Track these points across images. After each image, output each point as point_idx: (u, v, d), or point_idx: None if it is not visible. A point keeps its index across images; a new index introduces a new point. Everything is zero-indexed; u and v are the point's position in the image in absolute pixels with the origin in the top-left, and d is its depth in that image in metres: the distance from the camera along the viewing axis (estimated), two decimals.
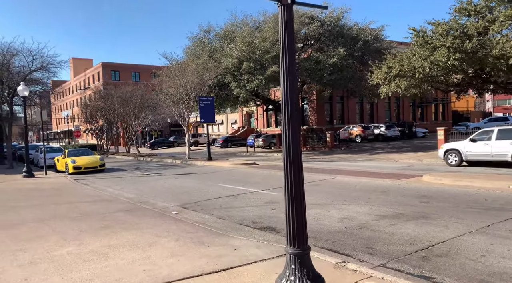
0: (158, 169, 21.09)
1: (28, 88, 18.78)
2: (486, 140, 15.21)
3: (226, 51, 28.73)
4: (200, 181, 14.79)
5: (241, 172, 17.29)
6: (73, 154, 22.07)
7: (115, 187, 14.63)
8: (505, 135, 14.79)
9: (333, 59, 27.45)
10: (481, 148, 15.24)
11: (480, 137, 15.66)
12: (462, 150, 15.90)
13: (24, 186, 15.14)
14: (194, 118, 27.02)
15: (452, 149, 16.41)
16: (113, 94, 33.91)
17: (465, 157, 15.79)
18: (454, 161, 16.21)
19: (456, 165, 16.08)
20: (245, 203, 9.64)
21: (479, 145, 15.31)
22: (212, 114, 24.37)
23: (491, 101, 79.02)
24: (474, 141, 15.61)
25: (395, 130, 37.12)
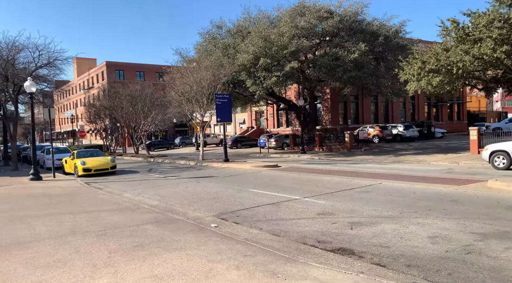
0: (173, 171, 19.73)
1: (35, 84, 17.45)
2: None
3: (241, 47, 27.36)
4: (226, 185, 13.42)
5: (267, 175, 15.90)
6: (83, 155, 20.73)
7: (132, 191, 13.28)
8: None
9: (353, 55, 26.05)
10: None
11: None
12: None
13: (32, 191, 13.79)
14: (201, 118, 25.60)
15: (500, 150, 14.95)
16: (122, 93, 32.54)
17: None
18: (502, 163, 14.78)
19: (504, 168, 14.64)
20: (294, 214, 8.25)
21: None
22: (229, 112, 23.00)
23: (500, 102, 77.32)
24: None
25: (413, 131, 35.68)
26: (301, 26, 27.25)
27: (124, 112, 32.64)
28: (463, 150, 24.30)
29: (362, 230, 6.60)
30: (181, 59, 31.71)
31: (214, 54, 29.04)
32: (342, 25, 28.45)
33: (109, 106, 35.06)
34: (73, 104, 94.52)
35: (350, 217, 7.60)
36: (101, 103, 36.17)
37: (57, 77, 28.26)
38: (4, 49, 22.87)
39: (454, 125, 49.43)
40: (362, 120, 42.13)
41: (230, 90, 28.91)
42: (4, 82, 22.34)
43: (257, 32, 26.61)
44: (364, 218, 7.46)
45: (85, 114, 78.65)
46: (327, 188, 11.36)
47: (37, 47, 23.39)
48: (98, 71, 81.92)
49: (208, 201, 10.45)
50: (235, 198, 10.53)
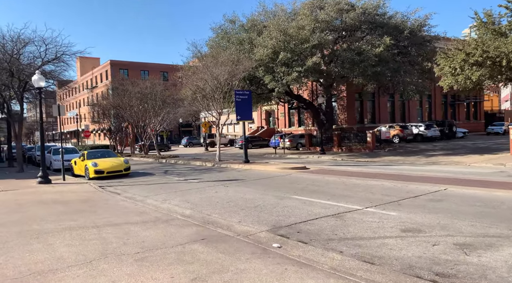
0: (193, 174, 18.23)
1: (44, 78, 15.97)
2: None
3: (258, 41, 25.87)
4: (260, 190, 11.91)
5: (302, 179, 14.39)
6: (94, 156, 19.26)
7: (155, 197, 11.79)
8: None
9: (378, 49, 24.54)
10: None
11: None
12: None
13: (43, 197, 12.30)
14: (218, 117, 24.10)
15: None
16: (131, 90, 31.04)
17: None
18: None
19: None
20: (370, 230, 6.73)
21: None
22: (249, 110, 21.50)
23: (510, 101, 75.39)
24: None
25: (435, 130, 34.17)
26: (321, 19, 25.74)
27: (133, 111, 31.16)
28: (497, 151, 22.76)
29: (485, 257, 5.08)
30: (193, 54, 30.23)
31: (227, 50, 27.57)
32: (364, 18, 26.95)
33: (117, 104, 33.57)
34: (77, 104, 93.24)
35: (450, 236, 6.08)
36: (108, 101, 34.61)
37: (63, 74, 26.83)
38: (8, 43, 21.41)
39: (472, 124, 47.83)
40: (378, 119, 40.57)
41: (246, 87, 27.40)
42: (9, 77, 20.87)
43: (276, 25, 25.12)
44: (469, 238, 5.94)
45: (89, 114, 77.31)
46: (386, 196, 9.84)
47: (43, 41, 21.93)
48: (102, 70, 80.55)
49: (250, 210, 8.94)
50: (282, 208, 9.02)
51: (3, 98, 23.97)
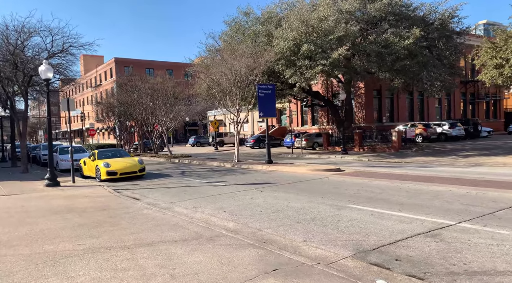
0: (213, 175, 16.58)
1: (52, 69, 14.34)
2: None
3: (278, 33, 24.19)
4: (304, 197, 10.25)
5: (344, 182, 12.73)
6: (105, 156, 17.65)
7: (181, 204, 10.15)
8: None
9: (407, 41, 22.81)
10: None
11: None
12: None
13: (53, 203, 10.66)
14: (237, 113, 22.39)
15: None
16: (141, 86, 29.36)
17: None
18: None
19: None
20: (498, 258, 5.06)
21: None
22: (272, 106, 19.81)
23: None
24: None
25: (460, 129, 32.40)
26: (345, 9, 24.06)
27: (143, 108, 29.51)
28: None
29: None
30: (206, 48, 28.59)
31: (243, 43, 25.94)
32: (390, 8, 25.23)
33: (125, 101, 31.91)
34: (80, 103, 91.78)
35: None
36: (116, 98, 32.93)
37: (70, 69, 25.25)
38: (12, 33, 19.82)
39: (491, 123, 45.95)
40: (397, 117, 38.81)
41: (265, 82, 25.75)
42: (13, 70, 19.26)
43: (297, 16, 23.44)
44: None
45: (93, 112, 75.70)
46: (469, 205, 8.16)
47: (50, 31, 20.32)
48: (106, 68, 79.11)
49: (308, 224, 7.28)
50: (347, 221, 7.35)
51: (7, 94, 22.40)
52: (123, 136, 38.20)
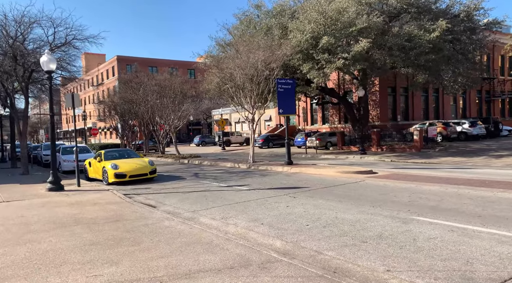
0: (232, 178, 15.13)
1: (55, 60, 12.89)
2: None
3: (294, 25, 22.74)
4: (348, 205, 8.81)
5: (389, 187, 11.27)
6: (112, 156, 16.22)
7: (207, 213, 8.71)
8: None
9: (433, 34, 21.34)
10: None
11: None
12: None
13: (58, 212, 9.21)
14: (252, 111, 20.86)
15: None
16: (147, 83, 27.87)
17: None
18: None
19: None
20: None
21: None
22: (292, 102, 18.36)
23: None
24: None
25: (481, 128, 30.92)
26: (364, 1, 22.58)
27: (149, 106, 28.04)
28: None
29: None
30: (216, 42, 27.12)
31: (255, 37, 24.46)
32: (413, 0, 23.77)
33: (130, 99, 30.43)
34: (82, 102, 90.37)
35: None
36: (121, 95, 31.43)
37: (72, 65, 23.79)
38: (11, 23, 18.37)
39: (507, 122, 44.44)
40: (412, 116, 37.33)
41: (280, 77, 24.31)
42: (13, 63, 17.81)
43: (315, 6, 21.96)
44: None
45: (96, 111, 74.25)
46: None
47: (52, 22, 18.86)
48: (108, 66, 77.76)
49: (378, 243, 5.83)
50: (427, 240, 5.89)
51: (6, 90, 20.96)
52: (127, 135, 36.74)
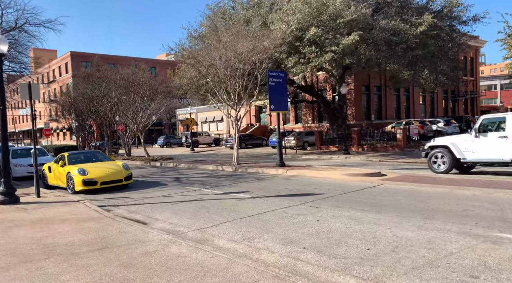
0: (222, 183, 13.18)
1: (6, 40, 10.35)
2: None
3: (277, 16, 21.16)
4: (396, 217, 7.25)
5: (417, 192, 9.86)
6: (78, 160, 13.76)
7: (217, 231, 6.83)
8: None
9: (420, 28, 20.57)
10: None
11: None
12: None
13: (15, 235, 6.88)
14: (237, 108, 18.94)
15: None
16: (111, 77, 25.06)
17: None
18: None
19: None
20: None
21: None
22: (284, 97, 16.66)
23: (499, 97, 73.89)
24: None
25: (455, 127, 30.98)
26: None
27: (113, 103, 25.28)
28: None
29: None
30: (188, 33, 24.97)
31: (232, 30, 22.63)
32: None
33: (91, 96, 27.43)
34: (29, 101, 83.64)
35: None
36: (81, 91, 28.24)
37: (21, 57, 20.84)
38: None
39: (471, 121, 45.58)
40: (385, 115, 37.00)
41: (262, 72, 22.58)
42: None
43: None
44: None
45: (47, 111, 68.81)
46: None
47: (0, 2, 15.96)
48: (60, 63, 72.48)
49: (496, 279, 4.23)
50: None
51: None
52: (84, 136, 33.42)
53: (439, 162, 12.84)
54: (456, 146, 12.38)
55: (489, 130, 11.85)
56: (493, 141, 11.56)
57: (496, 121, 11.90)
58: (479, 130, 11.96)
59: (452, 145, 12.47)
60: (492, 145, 11.55)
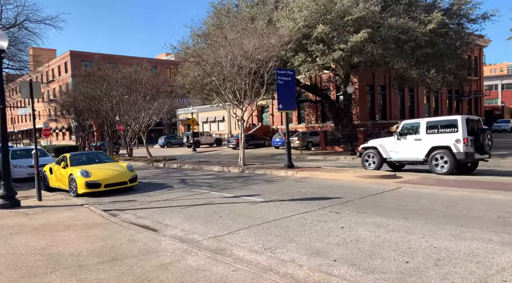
0: (231, 185, 12.69)
1: (6, 36, 9.83)
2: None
3: (283, 13, 20.68)
4: (427, 225, 6.76)
5: (441, 197, 9.38)
6: (81, 161, 13.24)
7: (235, 240, 6.34)
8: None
9: (430, 26, 20.12)
10: None
11: None
12: None
13: (16, 244, 6.36)
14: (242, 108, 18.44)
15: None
16: (113, 76, 24.50)
17: None
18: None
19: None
20: None
21: None
22: (292, 96, 16.13)
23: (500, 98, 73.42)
24: None
25: None
26: None
27: (115, 102, 24.74)
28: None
29: None
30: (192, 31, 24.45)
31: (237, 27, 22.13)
32: None
33: (91, 95, 26.90)
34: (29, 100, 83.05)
35: None
36: (82, 90, 27.69)
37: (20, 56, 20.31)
38: None
39: None
40: (389, 115, 36.53)
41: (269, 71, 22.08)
42: None
43: None
44: None
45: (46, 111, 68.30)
46: None
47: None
48: (60, 62, 71.91)
49: None
50: None
51: None
52: (84, 136, 32.90)
53: (370, 161, 14.68)
54: (383, 147, 14.26)
55: (409, 133, 13.71)
56: (411, 143, 13.48)
57: (414, 126, 13.69)
58: (400, 133, 13.87)
59: (380, 146, 14.39)
60: (410, 147, 13.49)
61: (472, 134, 12.49)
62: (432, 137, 12.90)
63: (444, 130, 12.75)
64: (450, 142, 12.42)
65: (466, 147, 12.18)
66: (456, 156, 12.27)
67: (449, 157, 12.37)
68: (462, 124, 12.36)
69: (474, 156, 12.47)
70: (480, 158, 12.94)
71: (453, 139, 12.36)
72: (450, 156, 12.35)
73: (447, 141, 12.50)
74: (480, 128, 13.00)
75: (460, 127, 12.35)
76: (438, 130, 12.90)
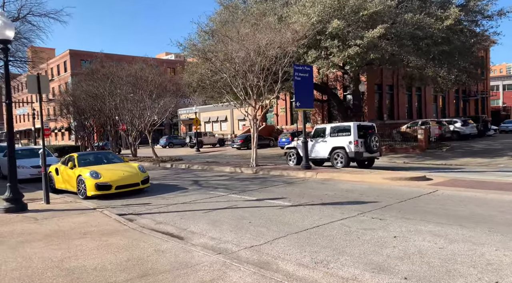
0: (248, 187, 11.92)
1: (12, 25, 9.08)
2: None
3: (296, 9, 19.94)
4: (491, 234, 6.04)
5: (489, 201, 8.65)
6: (89, 161, 12.46)
7: (272, 249, 5.63)
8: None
9: (447, 22, 19.41)
10: None
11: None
12: None
13: (29, 254, 5.56)
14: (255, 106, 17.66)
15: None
16: (119, 74, 23.65)
17: None
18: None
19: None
20: None
21: None
22: (310, 93, 15.42)
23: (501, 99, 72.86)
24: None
25: (473, 127, 29.93)
26: None
27: (119, 100, 23.94)
28: None
29: None
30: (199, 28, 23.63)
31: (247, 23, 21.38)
32: None
33: (95, 94, 26.09)
34: (28, 99, 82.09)
35: None
36: (84, 88, 26.86)
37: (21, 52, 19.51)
38: None
39: None
40: (397, 115, 35.81)
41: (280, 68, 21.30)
42: None
43: None
44: None
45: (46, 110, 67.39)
46: None
47: None
48: (59, 62, 71.04)
49: None
50: None
51: None
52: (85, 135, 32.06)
53: (292, 159, 17.41)
54: (301, 147, 15.76)
55: (320, 136, 16.46)
56: (320, 143, 16.24)
57: (322, 129, 16.58)
58: (313, 135, 16.76)
59: (298, 146, 16.78)
60: (319, 147, 16.27)
61: (362, 137, 15.17)
62: (333, 139, 15.67)
63: (342, 134, 15.48)
64: (345, 143, 15.12)
65: (356, 147, 14.90)
66: (348, 154, 14.98)
67: (344, 155, 15.09)
68: (354, 129, 15.14)
69: (363, 154, 15.14)
70: (370, 157, 15.62)
71: (347, 141, 15.05)
72: (344, 154, 15.06)
73: (343, 142, 15.22)
74: (370, 132, 15.53)
75: (352, 131, 15.09)
76: (337, 133, 15.68)
